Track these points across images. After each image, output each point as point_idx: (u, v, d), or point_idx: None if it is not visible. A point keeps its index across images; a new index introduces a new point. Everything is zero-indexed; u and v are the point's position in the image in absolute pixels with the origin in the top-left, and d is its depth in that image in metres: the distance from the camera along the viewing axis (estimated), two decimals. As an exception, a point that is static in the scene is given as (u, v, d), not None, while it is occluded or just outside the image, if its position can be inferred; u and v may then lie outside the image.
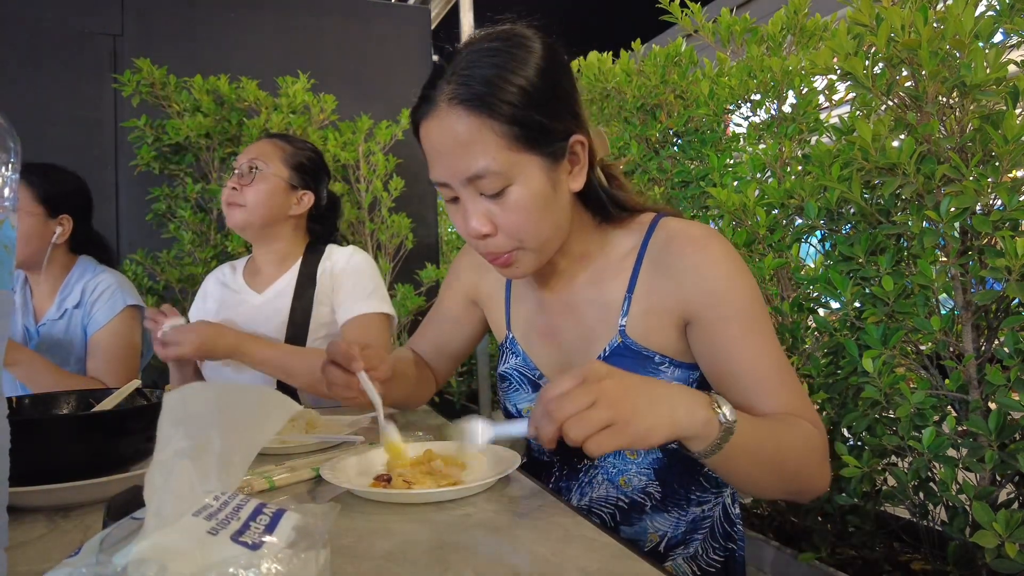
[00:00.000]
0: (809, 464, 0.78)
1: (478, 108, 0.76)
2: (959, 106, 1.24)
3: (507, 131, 0.76)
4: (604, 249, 0.94)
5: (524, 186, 0.79)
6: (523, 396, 1.00)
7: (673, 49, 2.19)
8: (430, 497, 0.73)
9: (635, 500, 0.92)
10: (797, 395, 0.81)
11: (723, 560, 0.94)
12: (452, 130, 0.77)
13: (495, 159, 0.76)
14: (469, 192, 0.80)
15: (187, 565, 0.36)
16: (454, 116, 0.77)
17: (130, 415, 0.79)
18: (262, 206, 1.50)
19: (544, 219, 0.82)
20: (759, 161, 1.77)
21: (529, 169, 0.79)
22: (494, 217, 0.81)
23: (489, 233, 0.81)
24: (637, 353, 0.88)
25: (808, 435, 0.78)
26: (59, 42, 2.70)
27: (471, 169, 0.77)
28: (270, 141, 1.58)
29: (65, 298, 1.67)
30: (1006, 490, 1.23)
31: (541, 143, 0.79)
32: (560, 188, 0.83)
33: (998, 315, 1.27)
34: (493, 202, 0.80)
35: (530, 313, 1.00)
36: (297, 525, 0.42)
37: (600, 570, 0.55)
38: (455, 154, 0.78)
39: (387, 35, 3.28)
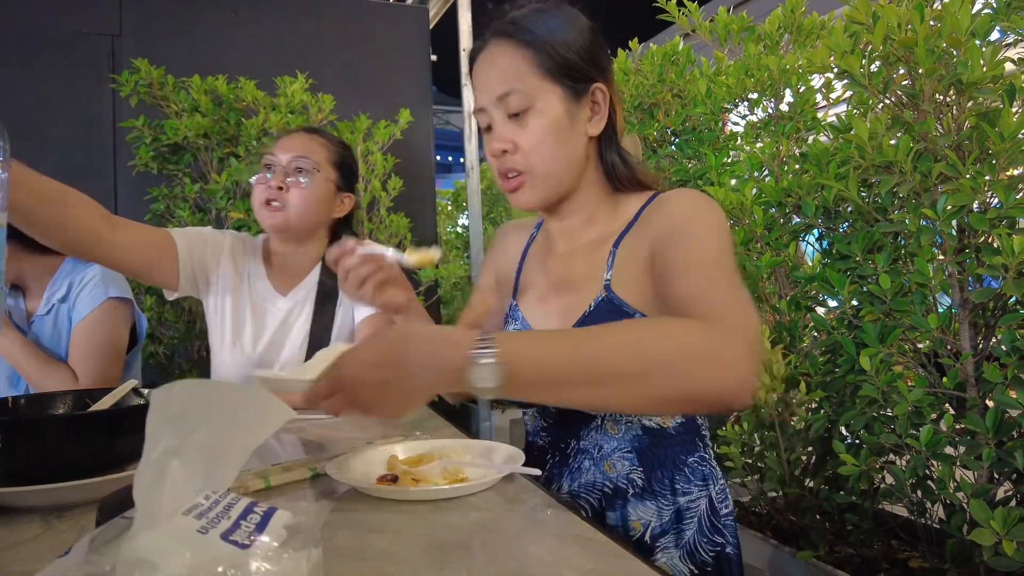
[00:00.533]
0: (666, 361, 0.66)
1: (514, 39, 0.91)
2: (956, 104, 1.24)
3: (534, 58, 0.90)
4: (610, 216, 1.00)
5: (544, 111, 0.91)
6: None
7: (670, 48, 2.19)
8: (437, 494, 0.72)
9: (619, 486, 0.94)
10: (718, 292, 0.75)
11: (714, 557, 0.94)
12: (493, 59, 0.93)
13: (522, 80, 0.90)
14: (499, 113, 0.92)
15: (177, 564, 0.35)
16: (496, 47, 0.93)
17: (125, 415, 0.79)
18: (310, 210, 1.43)
19: (557, 147, 0.92)
20: (756, 160, 1.77)
21: (550, 97, 0.91)
22: (515, 136, 0.92)
23: (508, 150, 0.92)
24: (618, 308, 0.92)
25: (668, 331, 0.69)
26: (57, 42, 2.70)
27: (502, 89, 0.91)
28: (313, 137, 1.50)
29: (53, 294, 1.66)
30: (1004, 488, 1.22)
31: (563, 76, 0.91)
32: (577, 126, 0.94)
33: (995, 313, 1.26)
34: (516, 122, 0.92)
35: (535, 278, 1.07)
36: (288, 524, 0.42)
37: (596, 569, 0.55)
38: (492, 77, 0.92)
39: (385, 35, 3.28)
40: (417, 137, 3.19)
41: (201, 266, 1.45)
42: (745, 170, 1.79)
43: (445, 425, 1.18)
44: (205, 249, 1.45)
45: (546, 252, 1.07)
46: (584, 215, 1.01)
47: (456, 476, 0.79)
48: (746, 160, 1.79)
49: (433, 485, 0.75)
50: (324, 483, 0.80)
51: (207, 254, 1.45)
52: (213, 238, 1.48)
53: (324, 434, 1.13)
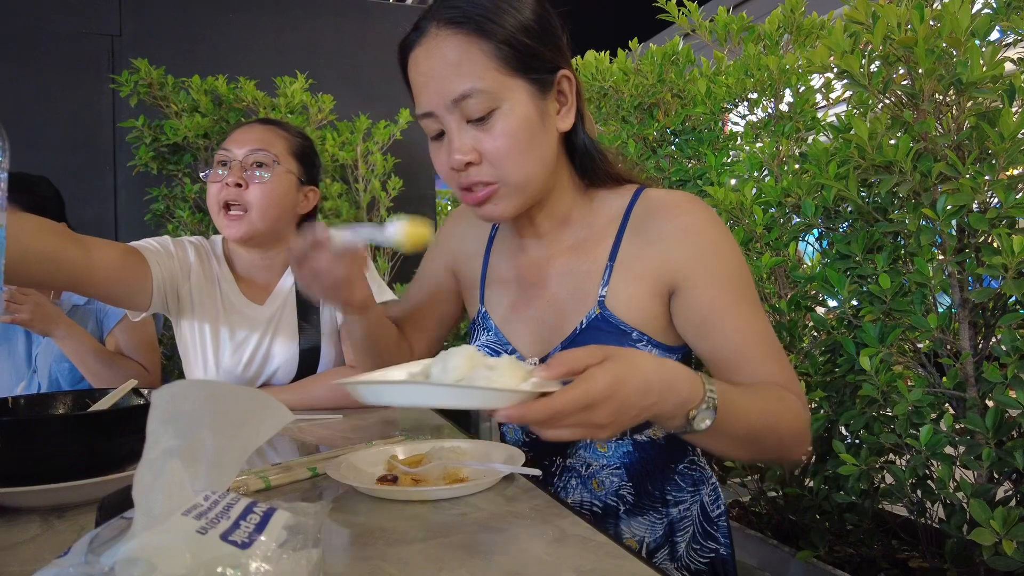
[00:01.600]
0: (788, 436, 0.78)
1: (468, 28, 0.76)
2: (955, 104, 1.24)
3: (496, 51, 0.76)
4: (587, 217, 0.91)
5: (511, 111, 0.78)
6: None
7: (670, 48, 2.19)
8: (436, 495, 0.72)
9: (608, 504, 0.90)
10: (782, 364, 0.81)
11: (708, 562, 0.91)
12: (441, 52, 0.77)
13: (483, 78, 0.76)
14: (455, 119, 0.79)
15: (176, 564, 0.35)
16: (444, 38, 0.77)
17: (125, 415, 0.79)
18: (273, 208, 1.30)
19: (530, 150, 0.80)
20: (756, 160, 1.77)
21: (517, 94, 0.78)
22: (479, 143, 0.79)
23: (473, 161, 0.79)
24: (615, 327, 0.85)
25: (792, 407, 0.78)
26: (57, 42, 2.70)
27: (458, 89, 0.77)
28: (270, 128, 1.37)
29: (71, 295, 1.71)
30: (1003, 487, 1.22)
31: (529, 67, 0.78)
32: (548, 122, 0.82)
33: (995, 313, 1.27)
34: (479, 127, 0.79)
35: (504, 285, 0.97)
36: (288, 524, 0.42)
37: (595, 570, 0.55)
38: (443, 76, 0.77)
39: (385, 35, 3.28)
40: (417, 137, 3.18)
41: (172, 282, 1.31)
42: (745, 170, 1.79)
43: (445, 425, 1.18)
44: (173, 263, 1.32)
45: (514, 252, 0.97)
46: (556, 218, 0.91)
47: (456, 476, 0.79)
48: (746, 160, 1.79)
49: (433, 486, 0.75)
50: (324, 483, 0.80)
51: (175, 268, 1.32)
52: (178, 249, 1.35)
53: (324, 434, 1.13)
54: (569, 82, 0.84)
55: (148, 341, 1.78)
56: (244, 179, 1.28)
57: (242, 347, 1.37)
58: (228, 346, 1.37)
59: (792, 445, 0.79)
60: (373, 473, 0.80)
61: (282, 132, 1.38)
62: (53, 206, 1.76)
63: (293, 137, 1.39)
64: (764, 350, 0.81)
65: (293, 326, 1.38)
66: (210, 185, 1.31)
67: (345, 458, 0.83)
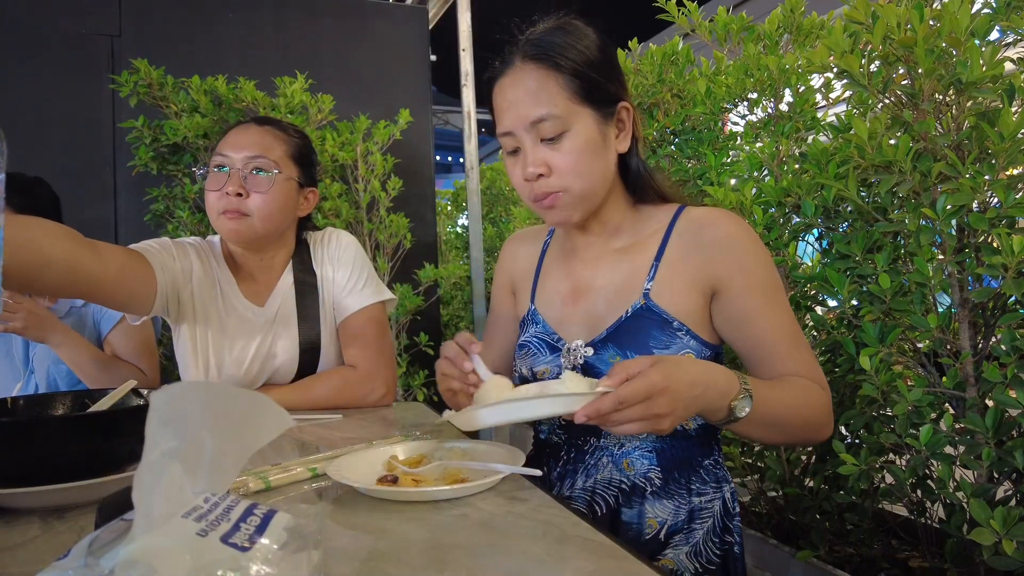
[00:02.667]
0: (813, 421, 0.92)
1: (547, 63, 0.91)
2: (955, 104, 1.24)
3: (568, 83, 0.91)
4: (635, 226, 1.04)
5: (579, 133, 0.92)
6: (540, 359, 1.04)
7: (670, 48, 2.19)
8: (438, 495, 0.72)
9: (636, 484, 0.96)
10: (808, 358, 0.95)
11: (722, 555, 0.96)
12: (524, 82, 0.92)
13: (557, 105, 0.91)
14: (531, 138, 0.93)
15: (176, 567, 0.35)
16: (527, 71, 0.93)
17: (125, 415, 0.79)
18: (275, 214, 1.29)
19: (593, 166, 0.94)
20: (756, 159, 1.77)
21: (584, 119, 0.93)
22: (550, 159, 0.93)
23: (544, 174, 0.93)
24: (658, 316, 0.95)
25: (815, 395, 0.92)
26: (56, 43, 2.70)
27: (536, 114, 0.91)
28: (267, 130, 1.34)
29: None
30: (1003, 487, 1.22)
31: (595, 99, 0.93)
32: (608, 144, 0.96)
33: (995, 312, 1.26)
34: (550, 146, 0.93)
35: (556, 283, 1.09)
36: (288, 526, 0.42)
37: (596, 571, 0.55)
38: (524, 102, 0.92)
39: (385, 35, 3.28)
40: (417, 137, 3.19)
41: (173, 286, 1.30)
42: (745, 170, 1.79)
43: (446, 425, 1.18)
44: (175, 266, 1.31)
45: (567, 258, 1.09)
46: (610, 226, 1.04)
47: (456, 477, 0.79)
48: (746, 160, 1.78)
49: (433, 486, 0.75)
50: (324, 483, 0.80)
51: (177, 271, 1.31)
52: (180, 252, 1.33)
53: (324, 434, 1.13)
54: (628, 112, 0.98)
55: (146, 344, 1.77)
56: (244, 188, 1.26)
57: (244, 350, 1.36)
58: (229, 349, 1.36)
59: (817, 428, 0.93)
60: (373, 473, 0.80)
61: (280, 134, 1.35)
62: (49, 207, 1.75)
63: (291, 138, 1.37)
64: (792, 345, 0.94)
65: (293, 325, 1.38)
66: (209, 193, 1.28)
67: (345, 458, 0.83)
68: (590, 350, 0.98)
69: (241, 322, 1.37)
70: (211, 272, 1.38)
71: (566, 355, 1.01)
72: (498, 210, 5.09)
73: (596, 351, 0.98)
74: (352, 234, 2.58)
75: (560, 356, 1.02)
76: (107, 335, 1.72)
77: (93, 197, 2.72)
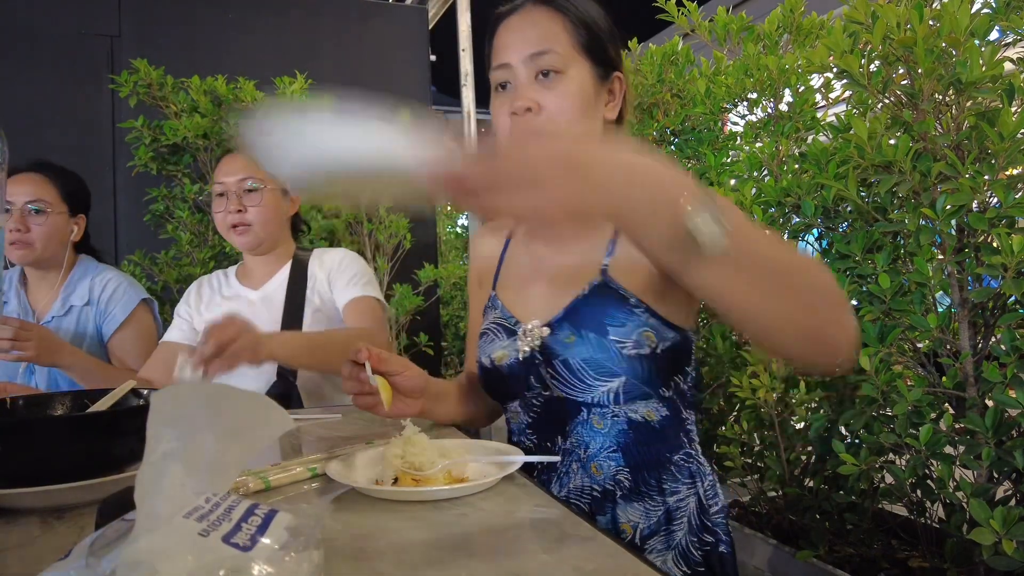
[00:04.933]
0: (822, 284, 0.60)
1: (555, 7, 0.93)
2: (955, 103, 1.24)
3: (573, 30, 0.93)
4: None
5: (573, 79, 0.92)
6: (497, 345, 1.01)
7: (670, 48, 2.19)
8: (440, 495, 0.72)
9: (607, 488, 0.93)
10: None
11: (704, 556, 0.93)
12: (531, 18, 0.94)
13: (561, 45, 0.92)
14: (527, 71, 0.92)
15: (178, 567, 0.35)
16: (536, 11, 0.94)
17: (125, 415, 0.79)
18: (271, 221, 1.55)
19: (581, 116, 0.93)
20: (756, 159, 1.77)
21: (581, 69, 0.93)
22: (541, 97, 0.92)
23: (532, 109, 0.92)
24: (615, 292, 0.92)
25: (815, 263, 0.64)
26: (56, 43, 2.70)
27: (540, 45, 0.91)
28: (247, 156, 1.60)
29: (70, 295, 1.69)
30: (1003, 487, 1.23)
31: (595, 54, 0.94)
32: (598, 105, 0.96)
33: (994, 312, 1.27)
34: (543, 85, 0.92)
35: (518, 265, 1.07)
36: (289, 526, 0.42)
37: (596, 570, 0.55)
38: (528, 37, 0.93)
39: (385, 35, 3.27)
40: (416, 137, 3.18)
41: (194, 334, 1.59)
42: (744, 170, 1.79)
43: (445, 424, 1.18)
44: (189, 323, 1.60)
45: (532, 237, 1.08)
46: None
47: (457, 476, 0.79)
48: (745, 160, 1.79)
49: (433, 485, 0.75)
50: (324, 483, 0.80)
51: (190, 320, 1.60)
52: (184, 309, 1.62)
53: (324, 434, 1.13)
54: (620, 84, 0.98)
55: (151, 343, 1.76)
56: (242, 204, 1.52)
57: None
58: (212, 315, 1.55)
59: (832, 301, 0.60)
60: (373, 473, 0.80)
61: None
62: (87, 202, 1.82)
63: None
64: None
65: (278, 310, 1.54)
66: (215, 214, 1.56)
67: (345, 458, 0.83)
68: (546, 330, 0.95)
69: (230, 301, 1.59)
70: (214, 286, 1.64)
71: (522, 337, 0.98)
72: (498, 210, 5.08)
73: (552, 331, 0.95)
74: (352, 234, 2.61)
75: (517, 339, 0.98)
76: (109, 339, 1.71)
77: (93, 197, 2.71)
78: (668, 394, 0.94)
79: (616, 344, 0.89)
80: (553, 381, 0.95)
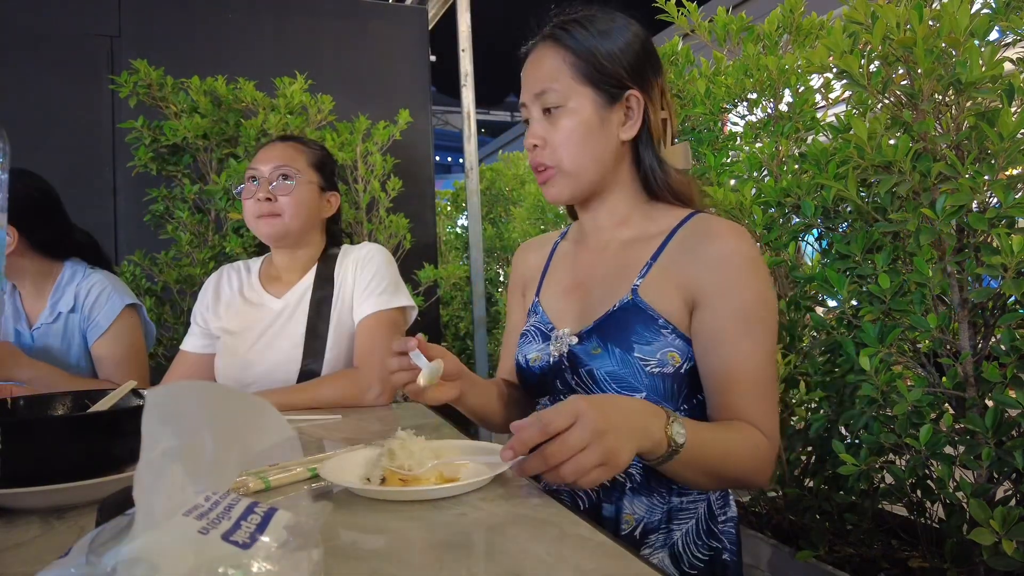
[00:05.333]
0: (749, 471, 0.87)
1: (557, 43, 0.98)
2: (955, 104, 1.24)
3: (572, 61, 0.97)
4: (644, 222, 1.04)
5: (575, 111, 0.97)
6: (533, 347, 1.06)
7: (670, 48, 2.19)
8: (427, 494, 0.72)
9: (617, 479, 0.94)
10: (764, 406, 0.90)
11: (707, 560, 0.94)
12: (537, 57, 1.00)
13: (558, 80, 0.97)
14: (536, 109, 0.99)
15: (178, 565, 0.35)
16: (542, 48, 1.00)
17: (125, 416, 0.79)
18: (301, 213, 1.48)
19: (584, 146, 0.97)
20: (756, 160, 1.77)
21: (582, 99, 0.97)
22: (546, 132, 0.98)
23: (538, 144, 0.99)
24: (643, 312, 0.95)
25: (757, 447, 0.87)
26: (56, 44, 2.70)
27: (541, 84, 0.98)
28: (292, 145, 1.54)
29: (57, 301, 1.67)
30: (1003, 487, 1.23)
31: (596, 81, 0.97)
32: (608, 128, 0.98)
33: (994, 312, 1.27)
34: (548, 120, 0.98)
35: (561, 276, 1.11)
36: (289, 524, 0.42)
37: (596, 569, 0.55)
38: (535, 75, 0.99)
39: (384, 35, 3.28)
40: (416, 138, 3.19)
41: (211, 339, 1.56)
42: (744, 170, 1.79)
43: (444, 424, 1.18)
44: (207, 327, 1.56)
45: (576, 247, 1.12)
46: (616, 217, 1.05)
47: (449, 477, 0.79)
48: (745, 160, 1.79)
49: (425, 485, 0.75)
50: (324, 483, 0.80)
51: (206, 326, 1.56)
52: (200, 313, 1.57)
53: (324, 434, 1.13)
54: (638, 101, 0.99)
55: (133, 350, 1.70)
56: (272, 192, 1.47)
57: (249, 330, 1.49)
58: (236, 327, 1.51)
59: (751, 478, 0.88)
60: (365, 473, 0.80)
61: (301, 147, 1.55)
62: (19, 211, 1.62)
63: (311, 150, 1.56)
64: (752, 385, 0.90)
65: (304, 316, 1.49)
66: (245, 201, 1.51)
67: (339, 458, 0.83)
68: (575, 339, 0.99)
69: (253, 308, 1.53)
70: (234, 285, 1.58)
71: (554, 343, 1.02)
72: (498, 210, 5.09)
73: (581, 341, 0.98)
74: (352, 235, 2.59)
75: (550, 344, 1.03)
76: (93, 344, 1.69)
77: (93, 197, 2.72)
78: (687, 408, 0.96)
79: (640, 361, 0.93)
80: (578, 388, 0.98)
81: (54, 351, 1.67)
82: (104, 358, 1.68)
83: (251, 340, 1.49)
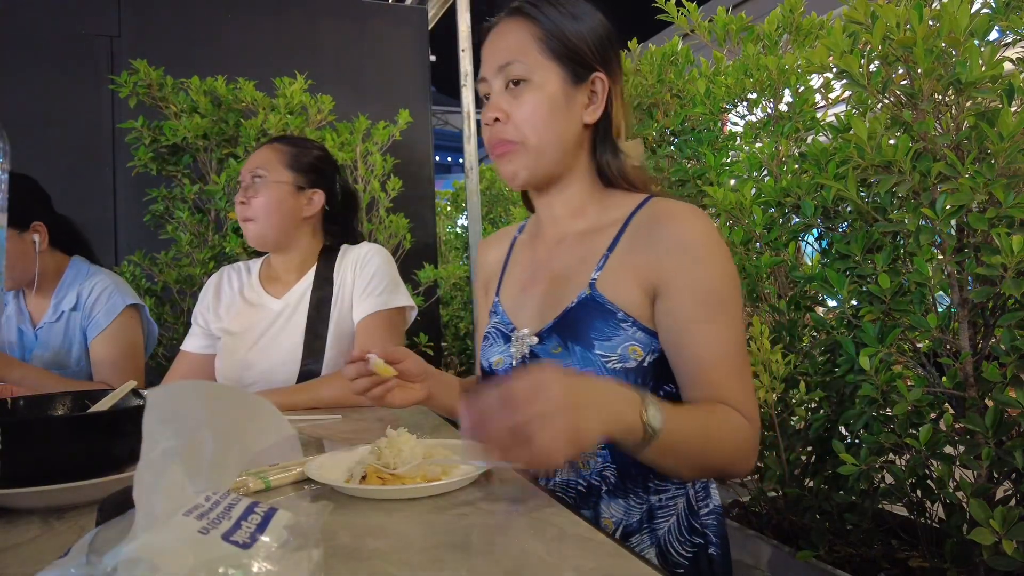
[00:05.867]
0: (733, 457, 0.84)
1: (524, 16, 0.95)
2: (955, 104, 1.24)
3: (540, 35, 0.94)
4: (600, 211, 1.01)
5: (540, 86, 0.94)
6: (495, 350, 1.03)
7: (669, 48, 2.19)
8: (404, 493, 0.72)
9: (592, 483, 0.93)
10: (741, 388, 0.87)
11: (691, 557, 0.92)
12: (503, 31, 0.97)
13: (525, 53, 0.94)
14: (498, 82, 0.96)
15: (178, 564, 0.35)
16: (508, 22, 0.97)
17: (125, 416, 0.79)
18: (272, 214, 1.48)
19: (549, 122, 0.94)
20: (756, 160, 1.77)
21: (549, 75, 0.94)
22: (509, 106, 0.95)
23: (500, 119, 0.95)
24: (601, 306, 0.92)
25: (738, 429, 0.84)
26: (56, 44, 2.70)
27: (507, 56, 0.94)
28: (271, 147, 1.54)
29: (61, 300, 1.68)
30: (1003, 487, 1.23)
31: (565, 58, 0.94)
32: (572, 109, 0.96)
33: (994, 312, 1.27)
34: (512, 94, 0.95)
35: (520, 271, 1.08)
36: (289, 524, 0.42)
37: (596, 569, 0.55)
38: (499, 48, 0.96)
39: (384, 35, 3.28)
40: (416, 137, 3.19)
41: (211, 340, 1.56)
42: (744, 170, 1.79)
43: (443, 424, 1.18)
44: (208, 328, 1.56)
45: (533, 241, 1.09)
46: (572, 206, 1.02)
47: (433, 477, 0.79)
48: (745, 160, 1.79)
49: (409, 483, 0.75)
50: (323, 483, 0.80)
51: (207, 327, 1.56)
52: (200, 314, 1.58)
53: (324, 434, 1.13)
54: (603, 84, 0.97)
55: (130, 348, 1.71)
56: (246, 196, 1.48)
57: (249, 331, 1.50)
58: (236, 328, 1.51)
59: (736, 464, 0.85)
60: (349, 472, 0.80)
61: (281, 147, 1.54)
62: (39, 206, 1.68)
63: (292, 148, 1.55)
64: (728, 370, 0.86)
65: (303, 317, 1.49)
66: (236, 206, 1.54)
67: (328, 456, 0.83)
68: (535, 339, 0.97)
69: (253, 309, 1.53)
70: (235, 285, 1.59)
71: (515, 344, 1.00)
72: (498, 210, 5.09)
73: (541, 341, 0.96)
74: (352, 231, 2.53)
75: (511, 346, 1.00)
76: (91, 341, 1.70)
77: (92, 197, 2.72)
78: None
79: (601, 358, 0.90)
80: None
81: (56, 350, 1.67)
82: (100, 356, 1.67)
83: (251, 340, 1.49)
